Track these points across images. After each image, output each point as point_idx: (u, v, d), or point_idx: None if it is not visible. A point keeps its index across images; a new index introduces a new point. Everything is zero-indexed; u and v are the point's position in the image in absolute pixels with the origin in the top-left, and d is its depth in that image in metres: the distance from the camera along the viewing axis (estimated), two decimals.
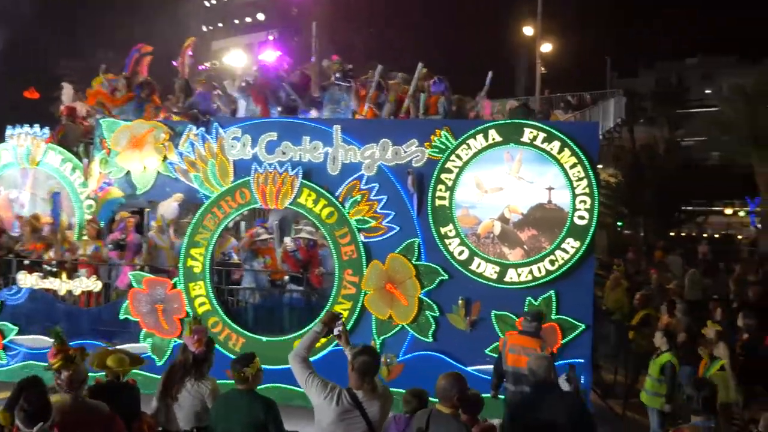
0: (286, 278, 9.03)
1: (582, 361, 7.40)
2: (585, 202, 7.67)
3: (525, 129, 7.82)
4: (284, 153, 8.29)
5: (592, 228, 7.66)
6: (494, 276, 7.78)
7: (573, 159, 7.67)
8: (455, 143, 7.92)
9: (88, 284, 8.68)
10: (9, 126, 9.62)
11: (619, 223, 27.01)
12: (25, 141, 9.43)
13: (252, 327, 8.43)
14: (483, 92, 9.90)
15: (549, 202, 7.75)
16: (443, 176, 7.93)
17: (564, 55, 30.96)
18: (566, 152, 7.69)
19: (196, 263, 8.40)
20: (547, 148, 7.74)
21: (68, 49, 28.16)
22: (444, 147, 7.96)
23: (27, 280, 8.76)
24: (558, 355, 7.25)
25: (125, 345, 7.50)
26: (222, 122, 8.58)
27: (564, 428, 4.51)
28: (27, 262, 8.96)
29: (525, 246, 7.78)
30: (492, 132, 7.87)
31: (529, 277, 7.73)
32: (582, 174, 7.65)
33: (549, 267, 7.69)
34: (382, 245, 8.04)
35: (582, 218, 7.67)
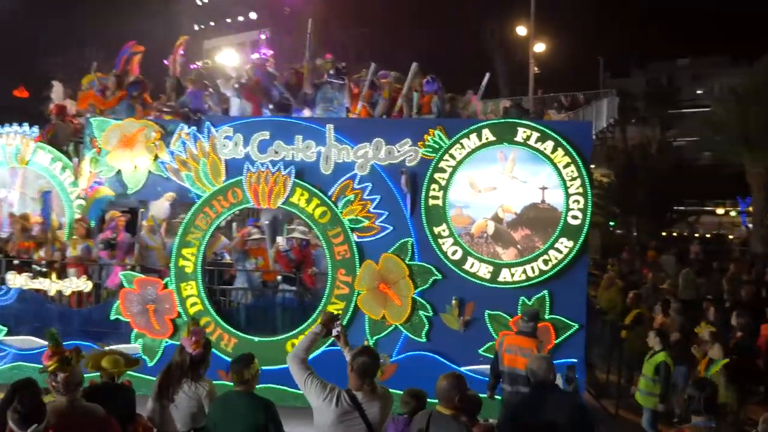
0: (279, 278, 8.97)
1: (575, 361, 7.38)
2: (578, 202, 7.67)
3: (518, 128, 7.81)
4: (277, 152, 8.24)
5: (586, 228, 7.67)
6: (488, 276, 7.77)
7: (566, 159, 7.67)
8: (449, 143, 7.90)
9: (79, 284, 8.59)
10: None
11: (611, 223, 27.11)
12: (14, 140, 9.32)
13: (244, 327, 8.37)
14: (479, 93, 9.90)
15: (542, 202, 7.75)
16: (437, 176, 7.90)
17: (556, 56, 31.06)
18: (560, 152, 7.69)
19: (188, 263, 8.34)
20: (541, 148, 7.73)
21: (58, 48, 27.98)
22: (437, 146, 7.94)
23: (16, 281, 8.66)
24: (551, 355, 7.23)
25: (116, 346, 7.42)
26: (214, 121, 8.51)
27: (564, 428, 4.51)
28: (16, 262, 8.87)
29: (518, 246, 7.77)
30: (485, 131, 7.85)
31: (523, 277, 7.72)
32: (575, 174, 7.66)
33: (542, 267, 7.69)
34: (376, 245, 8.01)
35: (575, 218, 7.67)
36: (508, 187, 7.80)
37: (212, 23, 48.28)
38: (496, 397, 6.72)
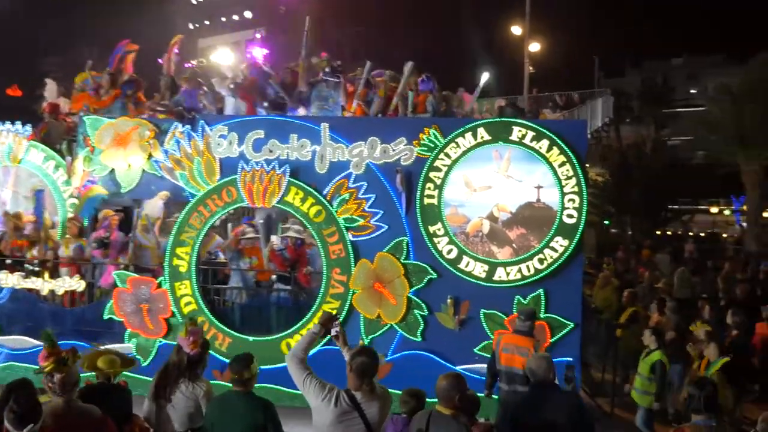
0: (274, 277, 8.93)
1: (571, 360, 7.39)
2: (573, 201, 7.66)
3: (514, 127, 7.80)
4: (271, 151, 8.20)
5: (581, 227, 7.67)
6: (483, 275, 7.75)
7: (562, 157, 7.67)
8: (444, 141, 7.88)
9: (71, 284, 8.54)
10: None
11: (606, 222, 27.17)
12: (7, 138, 9.25)
13: (239, 327, 8.33)
14: (476, 93, 9.89)
15: (538, 201, 7.74)
16: (432, 175, 7.89)
17: (551, 55, 31.08)
18: (555, 151, 7.69)
19: (182, 262, 8.30)
20: (536, 147, 7.72)
21: (52, 46, 27.86)
22: (433, 145, 7.92)
23: (8, 280, 8.60)
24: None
25: (109, 346, 7.37)
26: (208, 120, 8.47)
27: (564, 428, 4.50)
28: (9, 262, 8.81)
29: (514, 245, 7.76)
30: (481, 130, 7.84)
31: (518, 276, 7.72)
32: (571, 172, 7.65)
33: (538, 266, 7.68)
34: (371, 244, 7.98)
35: (571, 217, 7.66)
36: (504, 186, 7.79)
37: (207, 22, 48.20)
38: (493, 396, 6.71)
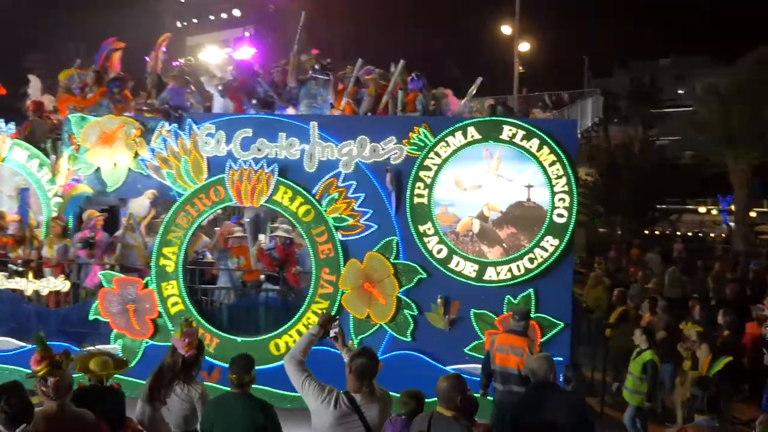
0: (262, 277, 8.85)
1: (561, 360, 7.36)
2: (564, 200, 7.65)
3: (504, 126, 7.77)
4: (260, 150, 8.12)
5: (571, 226, 7.65)
6: (473, 274, 7.72)
7: (552, 157, 7.65)
8: (434, 140, 7.83)
9: (56, 284, 8.42)
10: None
11: (595, 221, 27.26)
12: None
13: (227, 327, 8.25)
14: (469, 95, 9.83)
15: (528, 200, 7.72)
16: (422, 174, 7.84)
17: (540, 55, 31.17)
18: (545, 150, 7.66)
19: (169, 262, 8.20)
20: (526, 146, 7.70)
21: (40, 44, 27.57)
22: (422, 144, 7.87)
23: None
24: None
25: (95, 347, 7.29)
26: (195, 118, 8.37)
27: (564, 428, 4.49)
28: None
29: (504, 244, 7.73)
30: (471, 129, 7.80)
31: (508, 276, 7.69)
32: (561, 172, 7.63)
33: (528, 265, 7.65)
34: (360, 243, 7.92)
35: (561, 216, 7.64)
36: (494, 185, 7.76)
37: (195, 20, 47.92)
38: (488, 398, 6.66)
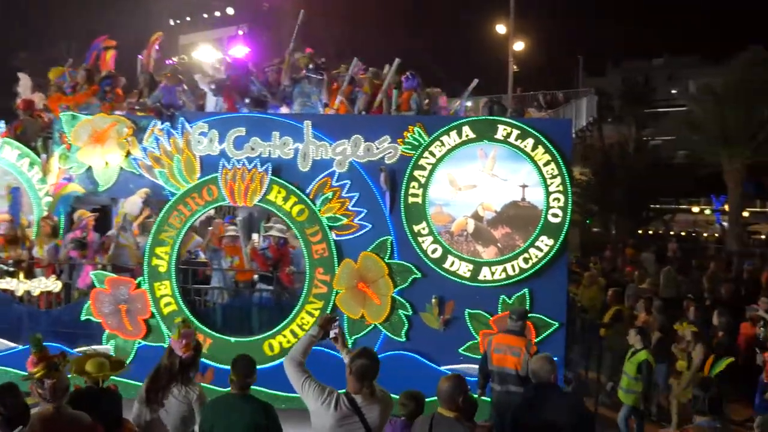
0: (256, 277, 8.80)
1: (555, 359, 7.33)
2: (558, 200, 7.63)
3: (499, 126, 7.75)
4: (253, 149, 8.06)
5: (566, 226, 7.64)
6: (468, 274, 7.69)
7: (547, 156, 7.63)
8: (428, 140, 7.80)
9: (47, 284, 8.34)
10: None
11: (588, 221, 27.32)
12: None
13: (220, 327, 8.19)
14: (464, 96, 9.81)
15: (523, 200, 7.70)
16: (416, 173, 7.80)
17: (533, 54, 31.18)
18: (540, 149, 7.65)
19: (162, 262, 8.13)
20: (521, 145, 7.68)
21: (28, 42, 27.35)
22: (417, 143, 7.84)
23: None
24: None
25: (86, 348, 7.24)
26: (188, 117, 8.31)
27: (564, 429, 4.47)
28: None
29: (499, 244, 7.71)
30: (465, 129, 7.77)
31: (503, 276, 7.67)
32: (556, 171, 7.62)
33: (523, 265, 7.64)
34: (354, 243, 7.88)
35: (556, 216, 7.63)
36: (489, 185, 7.74)
37: (188, 18, 47.70)
38: (485, 399, 6.63)
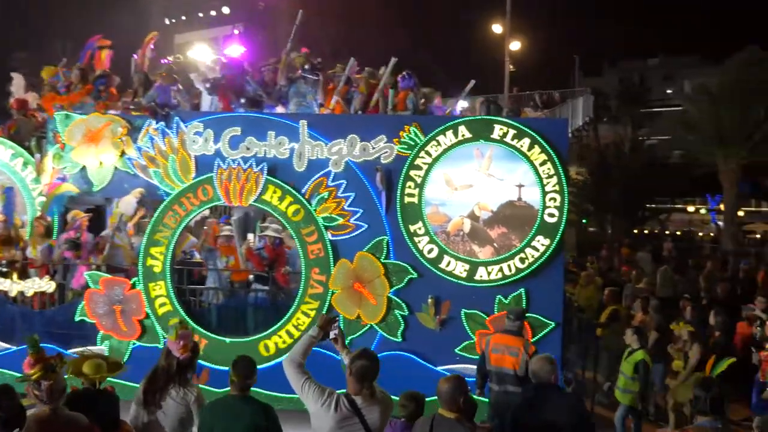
0: (251, 277, 8.76)
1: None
2: (555, 200, 7.62)
3: (495, 125, 7.73)
4: (248, 149, 8.03)
5: (562, 225, 7.63)
6: (464, 274, 7.68)
7: (543, 156, 7.62)
8: (424, 139, 7.78)
9: (41, 285, 8.29)
10: None
11: (584, 221, 27.34)
12: None
13: (215, 328, 8.15)
14: (461, 97, 9.79)
15: (519, 200, 7.69)
16: (412, 173, 7.78)
17: (529, 54, 31.17)
18: (536, 149, 7.64)
19: (156, 262, 8.09)
20: (517, 145, 7.67)
21: (22, 41, 27.20)
22: (413, 143, 7.82)
23: None
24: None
25: (81, 348, 7.20)
26: (183, 116, 8.27)
27: (565, 429, 4.46)
28: None
29: (495, 244, 7.69)
30: (462, 128, 7.76)
31: (499, 275, 7.65)
32: (552, 171, 7.61)
33: (519, 265, 7.62)
34: (350, 243, 7.86)
35: (552, 216, 7.62)
36: (485, 185, 7.72)
37: (184, 17, 47.54)
38: (483, 399, 6.61)
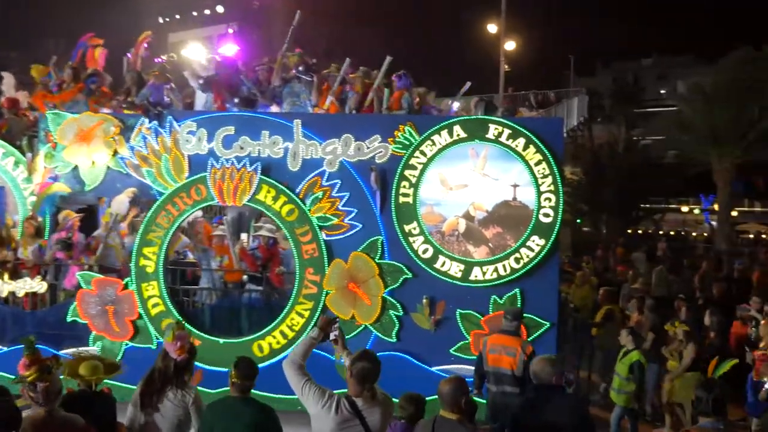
0: (245, 278, 8.71)
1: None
2: (550, 200, 7.61)
3: (490, 125, 7.71)
4: (242, 148, 7.98)
5: (557, 225, 7.62)
6: (459, 274, 7.65)
7: (538, 156, 7.60)
8: (419, 139, 7.75)
9: (33, 285, 8.22)
10: None
11: (578, 221, 27.39)
12: None
13: (209, 328, 8.10)
14: (457, 97, 9.77)
15: (514, 200, 7.68)
16: (407, 173, 7.75)
17: (524, 54, 31.21)
18: (531, 149, 7.62)
19: (149, 262, 8.03)
20: (512, 145, 7.65)
21: (12, 40, 27.05)
22: (408, 143, 7.79)
23: None
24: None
25: (73, 349, 7.16)
26: (176, 116, 8.21)
27: (565, 430, 4.44)
28: None
29: (490, 244, 7.67)
30: (456, 128, 7.73)
31: (494, 276, 7.63)
32: (547, 171, 7.59)
33: (514, 265, 7.61)
34: (345, 243, 7.82)
35: (547, 216, 7.60)
36: (480, 185, 7.70)
37: (178, 16, 47.41)
38: (481, 400, 6.59)
